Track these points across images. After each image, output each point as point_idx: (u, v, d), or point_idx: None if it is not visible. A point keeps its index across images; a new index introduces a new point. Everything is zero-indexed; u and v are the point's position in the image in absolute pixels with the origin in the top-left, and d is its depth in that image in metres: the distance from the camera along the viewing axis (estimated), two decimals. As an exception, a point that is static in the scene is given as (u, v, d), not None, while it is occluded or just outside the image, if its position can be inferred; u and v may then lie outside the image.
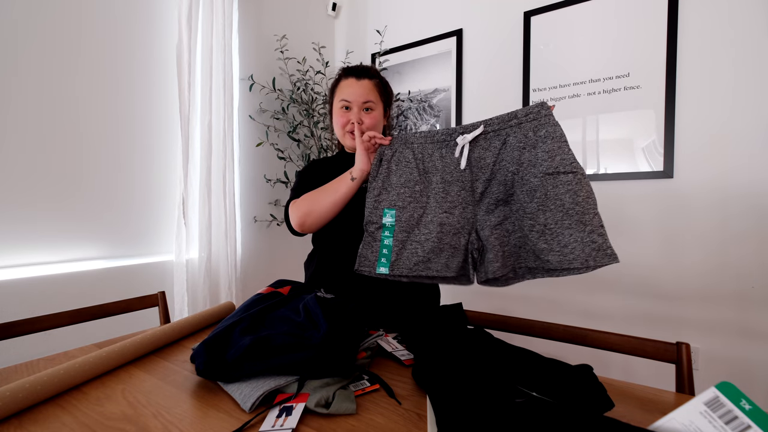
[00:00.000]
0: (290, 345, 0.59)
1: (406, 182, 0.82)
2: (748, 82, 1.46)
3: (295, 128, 2.11)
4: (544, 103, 0.73)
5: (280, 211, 2.16)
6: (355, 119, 1.00)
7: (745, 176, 1.47)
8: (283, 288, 0.83)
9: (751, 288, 1.47)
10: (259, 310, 0.71)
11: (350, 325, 0.66)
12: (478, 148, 0.78)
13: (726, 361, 1.52)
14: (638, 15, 1.64)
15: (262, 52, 2.08)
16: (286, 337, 0.61)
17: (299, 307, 0.72)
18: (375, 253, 0.82)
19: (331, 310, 0.68)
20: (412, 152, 0.83)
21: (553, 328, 0.83)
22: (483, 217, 0.78)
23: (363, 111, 1.01)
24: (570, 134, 1.80)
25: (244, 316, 0.69)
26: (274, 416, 0.50)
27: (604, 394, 0.52)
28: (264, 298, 0.78)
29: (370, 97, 1.01)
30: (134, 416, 0.51)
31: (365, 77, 1.02)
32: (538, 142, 0.72)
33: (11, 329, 0.85)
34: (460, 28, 2.10)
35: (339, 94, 1.03)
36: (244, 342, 0.59)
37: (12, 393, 0.52)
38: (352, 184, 0.89)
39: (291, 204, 0.99)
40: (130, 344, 0.70)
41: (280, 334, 0.62)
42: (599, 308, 1.76)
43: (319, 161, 1.17)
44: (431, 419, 0.49)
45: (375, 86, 1.02)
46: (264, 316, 0.71)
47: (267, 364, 0.57)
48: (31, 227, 1.30)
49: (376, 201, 0.84)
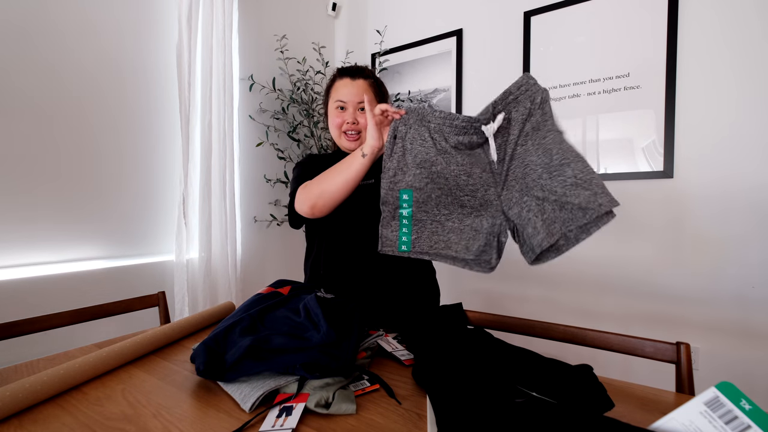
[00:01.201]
0: (290, 345, 0.59)
1: (423, 162, 0.78)
2: (747, 81, 1.46)
3: (295, 128, 2.11)
4: (527, 74, 0.73)
5: (280, 211, 2.16)
6: (350, 119, 1.00)
7: (745, 176, 1.47)
8: (283, 288, 0.82)
9: (751, 288, 1.47)
10: (259, 311, 0.71)
11: (350, 325, 0.66)
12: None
13: (726, 361, 1.52)
14: (638, 15, 1.64)
15: (262, 52, 2.08)
16: (286, 337, 0.61)
17: (299, 307, 0.72)
18: (395, 232, 0.79)
19: (331, 311, 0.68)
20: (428, 131, 0.79)
21: (553, 328, 0.83)
22: (508, 196, 0.75)
23: (358, 111, 1.01)
24: (570, 134, 1.80)
25: (244, 317, 0.69)
26: (274, 416, 0.50)
27: (604, 394, 0.52)
28: (264, 298, 0.77)
29: (364, 96, 1.01)
30: (134, 416, 0.51)
31: (360, 77, 1.02)
32: (535, 109, 0.72)
33: (11, 329, 0.85)
34: (460, 28, 2.10)
35: (334, 94, 1.04)
36: (244, 343, 0.59)
37: (12, 393, 0.52)
38: (363, 160, 0.84)
39: (300, 188, 0.94)
40: (130, 344, 0.70)
41: (279, 335, 0.62)
42: (599, 308, 1.76)
43: (318, 156, 1.17)
44: (431, 419, 0.49)
45: (370, 86, 1.02)
46: (264, 316, 0.71)
47: (266, 365, 0.57)
48: (31, 227, 1.30)
49: (392, 182, 0.80)
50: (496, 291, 2.01)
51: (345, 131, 1.02)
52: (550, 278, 1.87)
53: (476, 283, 2.07)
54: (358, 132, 1.02)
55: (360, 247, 0.99)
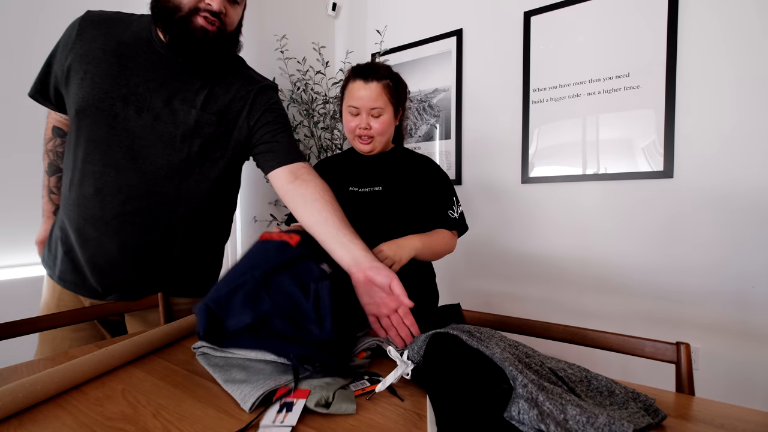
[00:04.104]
0: (289, 333, 0.59)
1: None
2: (748, 81, 1.46)
3: (295, 128, 2.10)
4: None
5: (280, 211, 2.16)
6: (363, 124, 1.00)
7: (746, 176, 1.47)
8: (292, 237, 0.74)
9: (751, 288, 1.47)
10: (264, 273, 0.64)
11: (353, 329, 0.65)
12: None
13: (726, 361, 1.52)
14: (638, 15, 1.64)
15: (262, 52, 2.08)
16: (287, 323, 0.60)
17: (310, 288, 0.65)
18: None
19: (340, 306, 0.64)
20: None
21: (553, 328, 0.83)
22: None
23: (371, 117, 1.00)
24: (570, 134, 1.80)
25: (248, 279, 0.63)
26: (275, 412, 0.50)
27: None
28: (269, 251, 0.70)
29: (378, 102, 0.98)
30: (134, 416, 0.51)
31: (374, 79, 0.99)
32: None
33: (11, 329, 0.85)
34: (460, 28, 2.10)
35: (347, 98, 1.02)
36: (245, 318, 0.59)
37: (12, 393, 0.52)
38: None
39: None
40: (130, 344, 0.70)
41: (281, 317, 0.60)
42: (599, 308, 1.76)
43: (325, 161, 1.16)
44: (431, 419, 0.49)
45: (384, 88, 1.00)
46: (269, 281, 0.64)
47: (263, 345, 0.60)
48: (31, 228, 1.29)
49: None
50: (496, 291, 2.01)
51: (359, 135, 1.02)
52: (550, 278, 1.87)
53: (476, 284, 2.07)
54: (371, 137, 1.02)
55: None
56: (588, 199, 1.78)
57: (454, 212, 1.07)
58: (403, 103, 1.07)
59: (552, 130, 1.84)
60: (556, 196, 1.85)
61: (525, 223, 1.94)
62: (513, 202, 1.97)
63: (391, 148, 1.11)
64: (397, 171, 1.06)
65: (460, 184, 2.13)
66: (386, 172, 1.06)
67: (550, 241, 1.87)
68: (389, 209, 1.02)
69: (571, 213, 1.82)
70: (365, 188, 1.05)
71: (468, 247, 2.02)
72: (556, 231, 1.86)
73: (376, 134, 1.01)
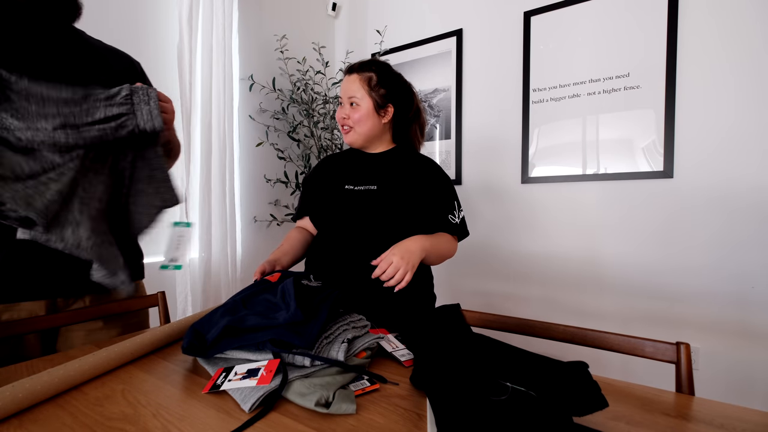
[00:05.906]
0: (260, 324, 0.64)
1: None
2: (747, 81, 1.46)
3: (295, 128, 2.11)
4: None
5: (280, 211, 2.16)
6: (343, 114, 1.04)
7: (745, 176, 1.47)
8: (272, 276, 0.86)
9: (751, 288, 1.47)
10: (244, 296, 0.76)
11: (320, 307, 0.67)
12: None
13: (726, 361, 1.52)
14: (638, 15, 1.64)
15: (262, 52, 2.08)
16: (257, 317, 0.66)
17: (278, 289, 0.76)
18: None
19: (306, 294, 0.72)
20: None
21: (553, 328, 0.83)
22: None
23: (350, 106, 1.04)
24: (570, 134, 1.80)
25: (228, 301, 0.75)
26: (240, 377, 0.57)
27: (598, 393, 0.52)
28: (252, 286, 0.83)
29: (353, 92, 1.03)
30: (134, 416, 0.51)
31: (354, 72, 1.04)
32: None
33: (11, 329, 0.85)
34: (460, 28, 2.10)
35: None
36: (222, 323, 0.65)
37: (12, 393, 0.52)
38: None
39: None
40: (130, 344, 0.70)
41: (252, 315, 0.68)
42: (599, 308, 1.76)
43: (327, 160, 1.17)
44: (431, 419, 0.49)
45: (360, 80, 1.03)
46: (248, 301, 0.76)
47: (238, 342, 0.64)
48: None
49: None
50: (496, 291, 2.01)
51: (341, 125, 1.07)
52: (550, 278, 1.87)
53: (476, 284, 2.07)
54: (351, 126, 1.05)
55: (359, 251, 0.98)
56: (588, 199, 1.78)
57: (456, 217, 1.05)
58: (394, 100, 1.05)
59: (552, 130, 1.84)
60: (556, 196, 1.85)
61: (525, 223, 1.94)
62: (513, 202, 1.97)
63: (392, 147, 1.11)
64: (395, 170, 1.06)
65: (460, 184, 2.13)
66: (383, 171, 1.06)
67: (550, 241, 1.87)
68: (383, 208, 1.01)
69: (571, 213, 1.82)
70: (360, 186, 1.05)
71: (468, 247, 2.02)
72: (556, 231, 1.86)
73: (353, 124, 1.04)
